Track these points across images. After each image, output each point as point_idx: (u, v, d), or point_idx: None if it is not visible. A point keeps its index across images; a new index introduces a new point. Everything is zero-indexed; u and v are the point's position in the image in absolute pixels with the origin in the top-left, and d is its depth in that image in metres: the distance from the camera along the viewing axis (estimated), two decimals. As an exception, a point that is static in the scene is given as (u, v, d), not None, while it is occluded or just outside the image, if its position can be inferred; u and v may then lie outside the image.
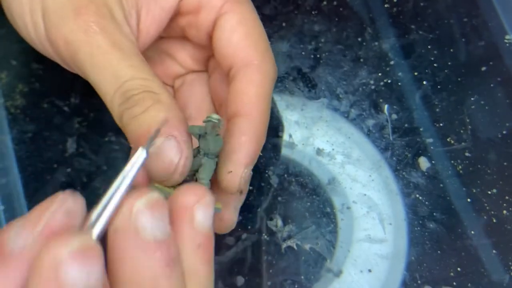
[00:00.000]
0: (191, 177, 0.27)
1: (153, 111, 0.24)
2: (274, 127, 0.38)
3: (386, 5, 0.40)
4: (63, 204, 0.18)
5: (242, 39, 0.29)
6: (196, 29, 0.30)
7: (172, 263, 0.18)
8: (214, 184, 0.28)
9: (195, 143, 0.27)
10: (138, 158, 0.20)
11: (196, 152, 0.27)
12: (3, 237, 0.17)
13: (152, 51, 0.33)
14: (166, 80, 0.35)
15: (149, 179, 0.26)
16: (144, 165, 0.20)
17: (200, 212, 0.20)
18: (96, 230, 0.17)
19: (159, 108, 0.24)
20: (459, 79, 0.38)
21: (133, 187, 0.19)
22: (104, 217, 0.18)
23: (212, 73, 0.34)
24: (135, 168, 0.20)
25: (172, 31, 0.31)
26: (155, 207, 0.18)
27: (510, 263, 0.34)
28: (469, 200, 0.35)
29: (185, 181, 0.26)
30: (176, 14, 0.30)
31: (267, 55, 0.30)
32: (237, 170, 0.27)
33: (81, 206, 0.18)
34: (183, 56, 0.34)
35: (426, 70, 0.38)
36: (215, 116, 0.25)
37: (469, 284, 0.34)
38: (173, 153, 0.24)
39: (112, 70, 0.25)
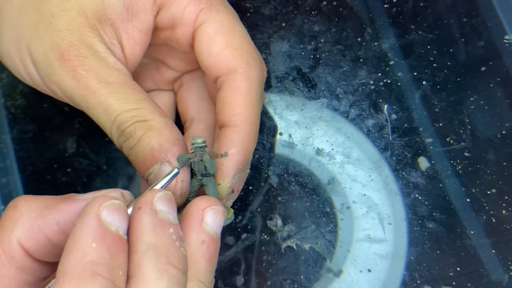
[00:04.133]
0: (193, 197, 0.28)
1: (146, 140, 0.26)
2: (274, 127, 0.38)
3: (385, 5, 0.40)
4: (116, 192, 0.24)
5: (222, 48, 0.29)
6: (177, 42, 0.31)
7: (180, 240, 0.22)
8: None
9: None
10: (171, 173, 0.26)
11: (193, 174, 0.28)
12: (73, 194, 0.24)
13: (146, 58, 0.34)
14: (165, 86, 0.35)
15: None
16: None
17: (209, 214, 0.24)
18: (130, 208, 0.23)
19: (151, 136, 0.26)
20: (458, 79, 0.38)
21: None
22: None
23: None
24: (165, 179, 0.25)
25: (158, 39, 0.31)
26: (170, 199, 0.23)
27: (509, 263, 0.34)
28: (468, 200, 0.35)
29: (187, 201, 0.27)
30: (155, 29, 0.30)
31: (251, 60, 0.29)
32: (226, 183, 0.28)
33: (127, 200, 0.24)
34: (174, 61, 0.34)
35: (426, 70, 0.38)
36: (199, 140, 0.27)
37: (468, 284, 0.34)
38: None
39: (103, 107, 0.27)
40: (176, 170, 0.26)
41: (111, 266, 0.20)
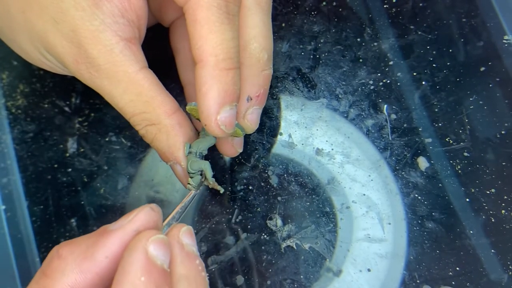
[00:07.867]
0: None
1: (157, 143, 0.30)
2: (274, 127, 0.38)
3: (385, 6, 0.40)
4: (146, 208, 0.26)
5: None
6: None
7: (203, 270, 0.26)
8: None
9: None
10: (190, 196, 0.31)
11: (193, 155, 0.31)
12: (104, 226, 0.25)
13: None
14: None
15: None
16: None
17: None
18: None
19: (160, 139, 0.30)
20: (458, 79, 0.38)
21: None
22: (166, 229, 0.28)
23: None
24: (188, 202, 0.31)
25: None
26: (191, 233, 0.27)
27: (508, 263, 0.34)
28: (467, 199, 0.35)
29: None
30: None
31: None
32: (212, 125, 0.28)
33: (158, 212, 0.26)
34: None
35: (425, 70, 0.38)
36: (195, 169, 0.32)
37: (467, 283, 0.34)
38: (179, 176, 0.32)
39: (118, 107, 0.30)
40: (193, 193, 0.31)
41: None
